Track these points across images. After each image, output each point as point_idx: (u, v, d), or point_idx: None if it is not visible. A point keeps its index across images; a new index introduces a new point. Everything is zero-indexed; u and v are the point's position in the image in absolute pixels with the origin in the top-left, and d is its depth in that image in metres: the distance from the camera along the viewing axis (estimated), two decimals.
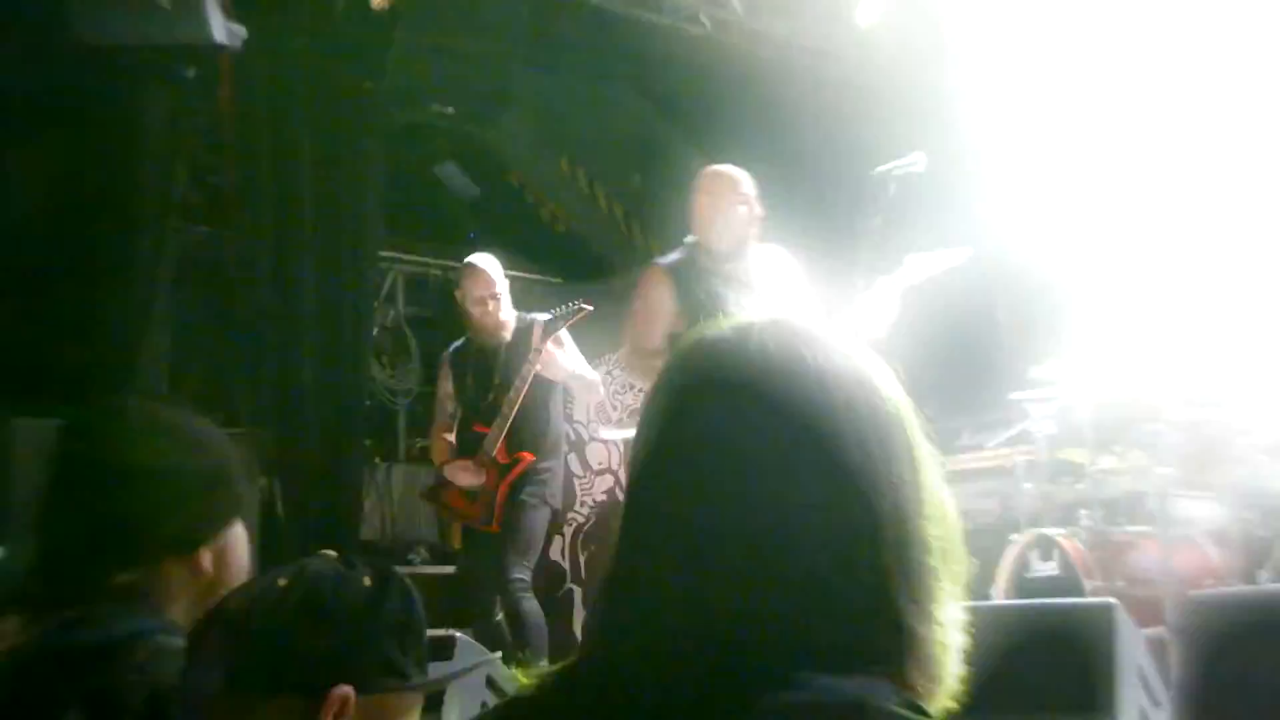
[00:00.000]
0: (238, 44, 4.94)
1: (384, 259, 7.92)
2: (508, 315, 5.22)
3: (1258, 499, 4.87)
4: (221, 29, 4.70)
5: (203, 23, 4.64)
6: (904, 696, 0.95)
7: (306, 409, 6.58)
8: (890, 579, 0.98)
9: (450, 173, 8.58)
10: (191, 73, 5.15)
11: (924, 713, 0.95)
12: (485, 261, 5.24)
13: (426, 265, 8.45)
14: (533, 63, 7.64)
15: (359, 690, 1.45)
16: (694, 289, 4.56)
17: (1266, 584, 4.39)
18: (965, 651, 1.02)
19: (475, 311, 5.19)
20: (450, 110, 7.20)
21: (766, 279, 4.44)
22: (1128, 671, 3.33)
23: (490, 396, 5.09)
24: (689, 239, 4.76)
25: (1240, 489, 4.84)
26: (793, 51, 8.41)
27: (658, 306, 4.65)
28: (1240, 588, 4.53)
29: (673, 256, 4.76)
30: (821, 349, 1.03)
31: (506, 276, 5.30)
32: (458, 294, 5.35)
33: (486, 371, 5.14)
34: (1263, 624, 3.37)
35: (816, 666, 0.93)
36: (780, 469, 0.98)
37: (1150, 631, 4.23)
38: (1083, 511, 5.10)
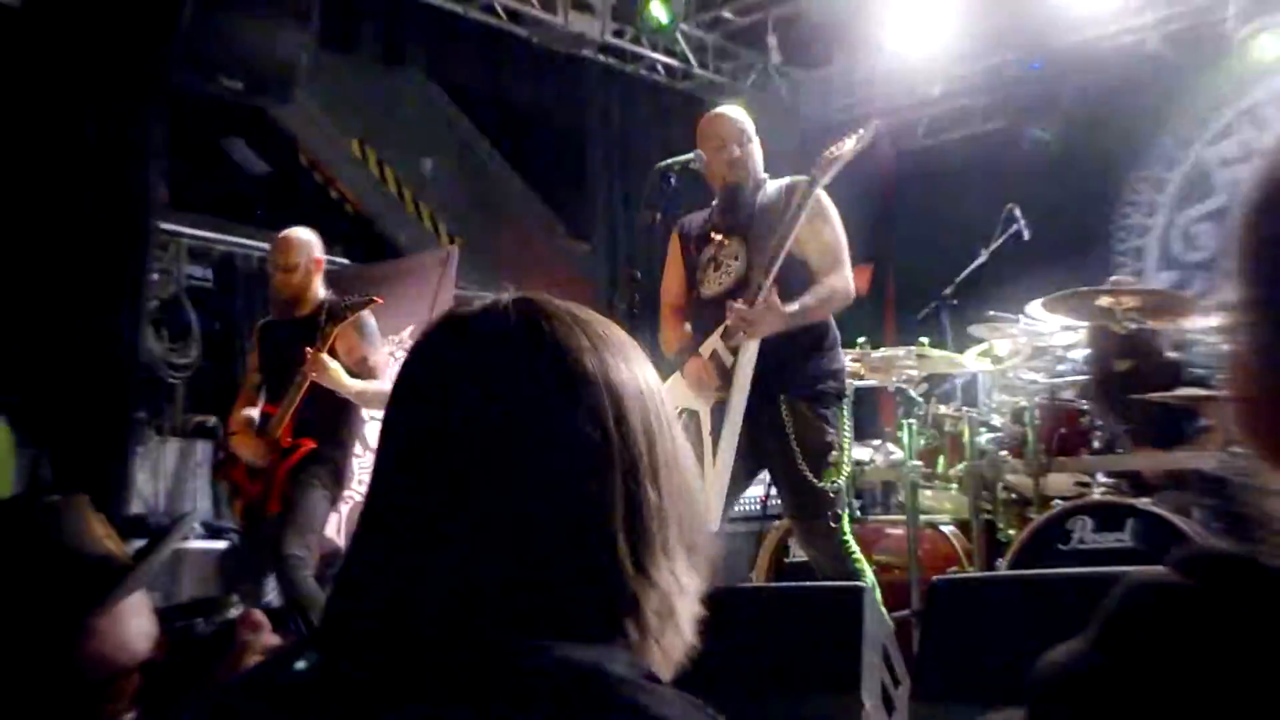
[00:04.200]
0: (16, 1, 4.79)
1: (167, 232, 7.75)
2: (314, 292, 5.18)
3: (996, 491, 5.16)
4: None
5: None
6: (638, 664, 0.96)
7: (78, 380, 6.41)
8: (623, 550, 1.00)
9: (238, 148, 8.44)
10: None
11: (657, 680, 0.95)
12: (294, 233, 5.15)
13: (210, 240, 8.29)
14: (325, 43, 7.59)
15: None
16: (696, 243, 4.50)
17: (1004, 570, 4.56)
18: (724, 631, 1.05)
19: (275, 282, 5.15)
20: (240, 85, 7.09)
21: (783, 216, 4.23)
22: (872, 652, 3.47)
23: (286, 375, 4.99)
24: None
25: (980, 481, 5.08)
26: (588, 45, 8.55)
27: (669, 266, 4.61)
28: (980, 573, 4.76)
29: (691, 215, 4.60)
30: (563, 325, 1.06)
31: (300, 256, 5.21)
32: (269, 263, 5.29)
33: (288, 347, 5.02)
34: (999, 607, 3.56)
35: (549, 634, 0.94)
36: (514, 440, 1.00)
37: (897, 614, 4.52)
38: None
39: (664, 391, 1.10)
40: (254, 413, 5.15)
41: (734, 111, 4.55)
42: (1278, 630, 0.62)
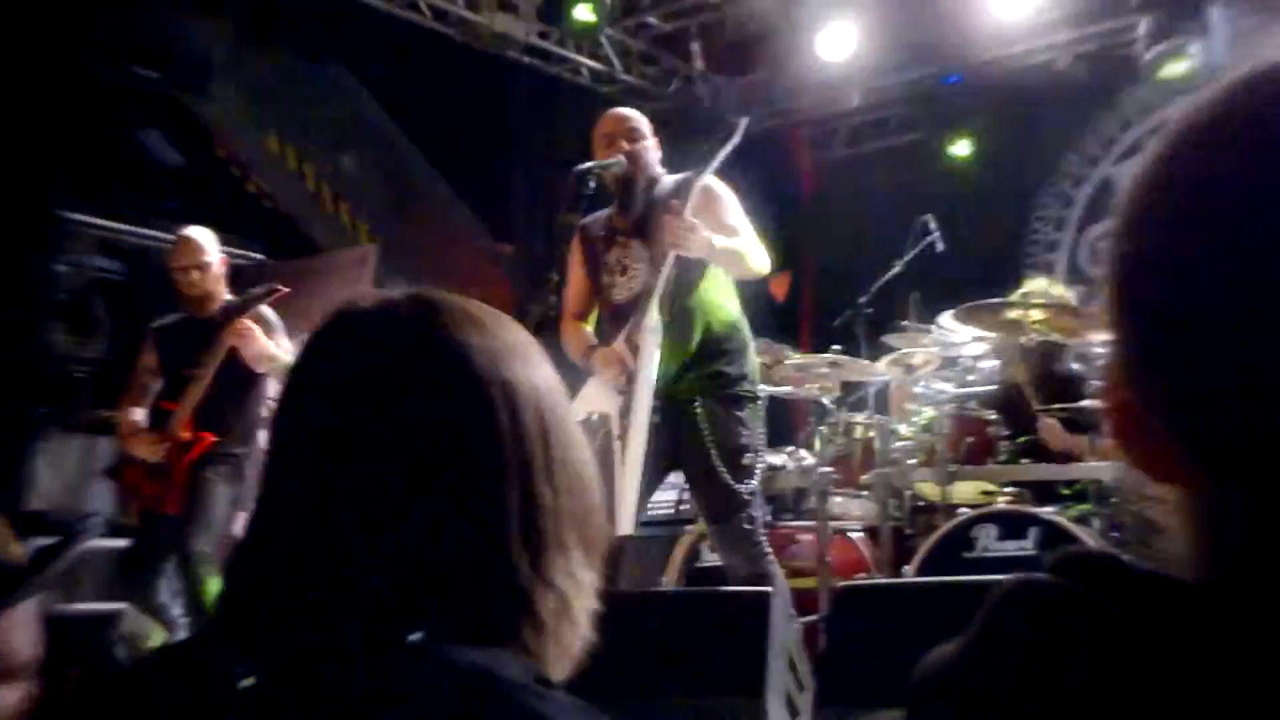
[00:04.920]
0: None
1: (77, 224, 7.61)
2: (218, 291, 5.14)
3: (904, 499, 5.27)
4: None
5: None
6: (528, 666, 0.96)
7: None
8: (518, 549, 0.99)
9: (153, 140, 8.32)
10: None
11: (548, 683, 0.95)
12: (196, 232, 5.14)
13: (121, 233, 8.16)
14: (245, 35, 7.51)
15: None
16: (600, 246, 4.48)
17: (909, 577, 4.63)
18: (633, 635, 1.11)
19: (181, 282, 5.11)
20: (154, 75, 7.00)
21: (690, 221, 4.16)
22: (777, 657, 3.51)
23: (189, 373, 4.96)
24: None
25: (890, 489, 5.19)
26: (513, 46, 8.53)
27: (571, 270, 4.57)
28: (885, 580, 4.84)
29: (594, 216, 4.55)
30: (458, 322, 1.05)
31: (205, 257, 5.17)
32: (168, 264, 5.23)
33: (190, 347, 5.00)
34: (904, 613, 3.62)
35: (441, 636, 0.94)
36: (405, 438, 0.99)
37: (807, 619, 4.57)
38: None
39: (562, 391, 1.10)
40: (142, 413, 5.10)
41: (625, 110, 4.58)
42: (1134, 630, 0.64)
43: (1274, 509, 0.65)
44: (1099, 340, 5.06)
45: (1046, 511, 4.56)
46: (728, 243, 4.21)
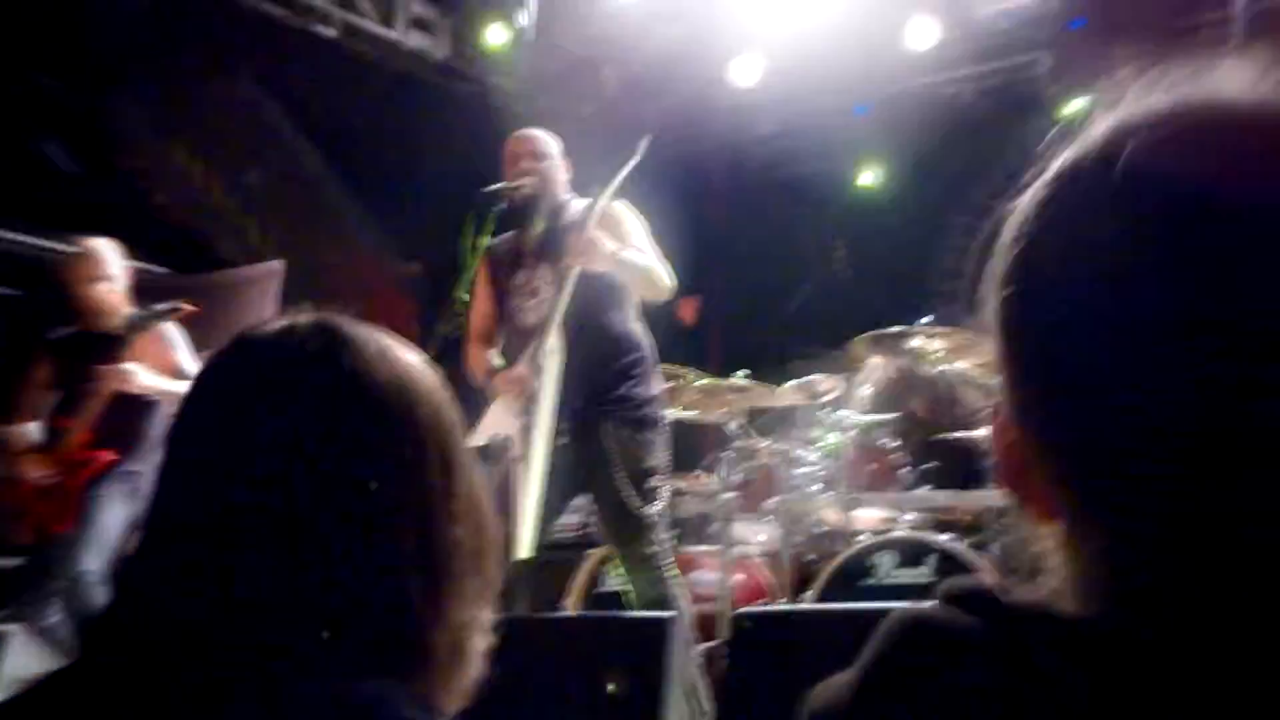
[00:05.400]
0: None
1: None
2: (120, 305, 5.03)
3: (806, 525, 5.31)
4: None
5: None
6: (417, 700, 0.95)
7: None
8: (410, 582, 0.98)
9: (54, 149, 8.15)
10: None
11: (440, 716, 0.96)
12: (99, 244, 5.03)
13: (17, 244, 7.97)
14: (153, 45, 7.40)
15: None
16: (506, 269, 4.46)
17: (810, 603, 4.64)
18: (531, 661, 1.11)
19: (80, 295, 5.00)
20: (58, 83, 6.86)
21: (591, 234, 4.20)
22: (677, 683, 3.51)
23: (85, 388, 4.81)
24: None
25: (792, 515, 5.22)
26: (426, 66, 8.50)
27: (478, 293, 4.54)
28: (784, 606, 4.84)
29: (501, 239, 4.54)
30: (359, 351, 1.04)
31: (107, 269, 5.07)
32: (67, 276, 5.12)
33: (86, 361, 4.85)
34: (804, 639, 3.64)
35: (333, 670, 0.93)
36: (304, 468, 0.98)
37: (708, 645, 4.58)
38: None
39: (461, 422, 1.09)
40: (33, 429, 4.97)
41: (533, 131, 4.59)
42: (1016, 664, 0.66)
43: (1155, 549, 0.67)
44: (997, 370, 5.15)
45: (944, 539, 4.62)
46: (632, 257, 4.23)
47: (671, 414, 4.68)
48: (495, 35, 8.08)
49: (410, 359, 1.08)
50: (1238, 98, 0.70)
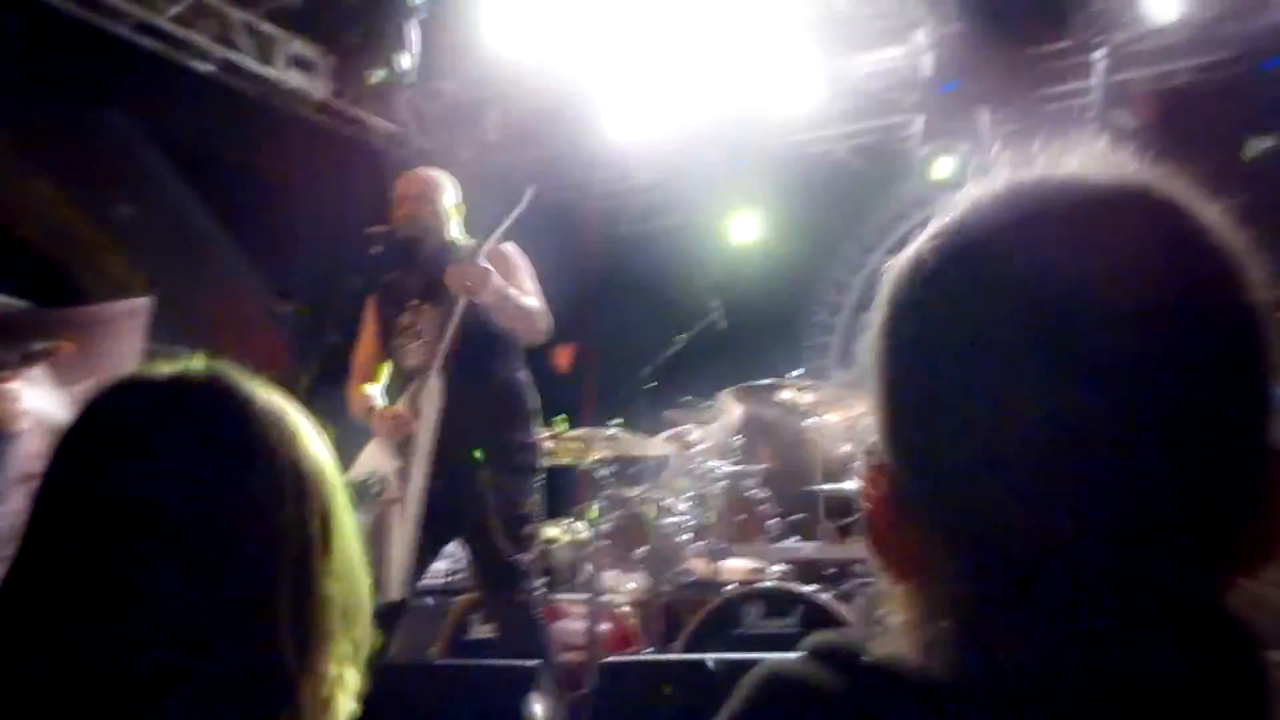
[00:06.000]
0: None
1: None
2: None
3: (674, 574, 5.35)
4: None
5: None
6: None
7: None
8: (285, 634, 0.99)
9: None
10: None
11: None
12: None
13: None
14: (21, 73, 7.22)
15: None
16: (392, 309, 4.43)
17: (677, 652, 4.68)
18: (398, 708, 1.09)
19: None
20: None
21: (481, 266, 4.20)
22: None
23: None
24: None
25: (661, 564, 5.24)
26: (306, 104, 8.43)
27: (364, 332, 4.50)
28: (650, 655, 4.88)
29: (389, 279, 4.51)
30: (248, 406, 1.04)
31: None
32: None
33: None
34: (670, 689, 3.66)
35: (192, 716, 0.94)
36: (183, 517, 0.98)
37: (575, 693, 4.57)
38: None
39: (338, 475, 1.10)
40: None
41: (425, 171, 4.59)
42: (871, 716, 0.69)
43: (1006, 605, 0.70)
44: (867, 425, 5.26)
45: (810, 590, 4.68)
46: (516, 295, 4.24)
47: (546, 461, 4.69)
48: (376, 76, 8.04)
49: (297, 417, 1.09)
50: (1087, 177, 0.75)
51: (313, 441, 1.08)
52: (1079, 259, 0.70)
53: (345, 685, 1.05)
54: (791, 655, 0.74)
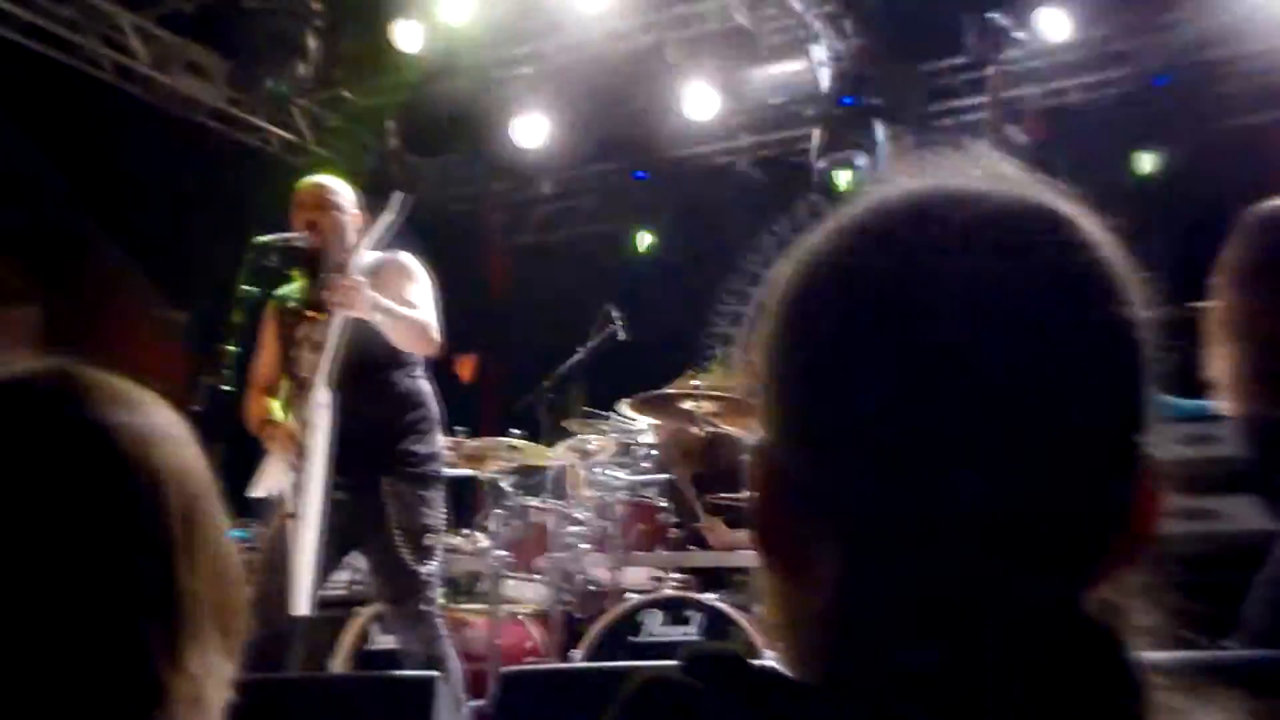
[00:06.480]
0: None
1: None
2: None
3: (577, 584, 5.35)
4: None
5: None
6: None
7: None
8: (151, 637, 0.98)
9: None
10: None
11: None
12: None
13: None
14: None
15: None
16: (289, 320, 4.35)
17: (578, 661, 4.66)
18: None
19: None
20: None
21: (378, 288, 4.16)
22: None
23: None
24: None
25: (562, 574, 5.25)
26: (201, 110, 8.31)
27: (264, 344, 4.42)
28: (554, 665, 4.86)
29: (290, 289, 4.43)
30: (102, 401, 1.02)
31: None
32: None
33: None
34: (568, 699, 3.66)
35: (64, 714, 0.93)
36: (37, 519, 0.96)
37: (476, 703, 4.55)
38: None
39: (208, 474, 1.08)
40: None
41: (324, 180, 4.53)
42: None
43: (886, 607, 0.72)
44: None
45: (710, 598, 4.71)
46: (396, 309, 4.19)
47: (447, 471, 4.66)
48: (274, 83, 7.94)
49: (154, 409, 1.07)
50: (977, 190, 0.77)
51: (176, 437, 1.06)
52: (963, 268, 0.72)
53: (219, 685, 1.03)
54: (668, 664, 0.74)
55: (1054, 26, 7.06)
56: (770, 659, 0.78)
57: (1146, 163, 7.68)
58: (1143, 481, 0.74)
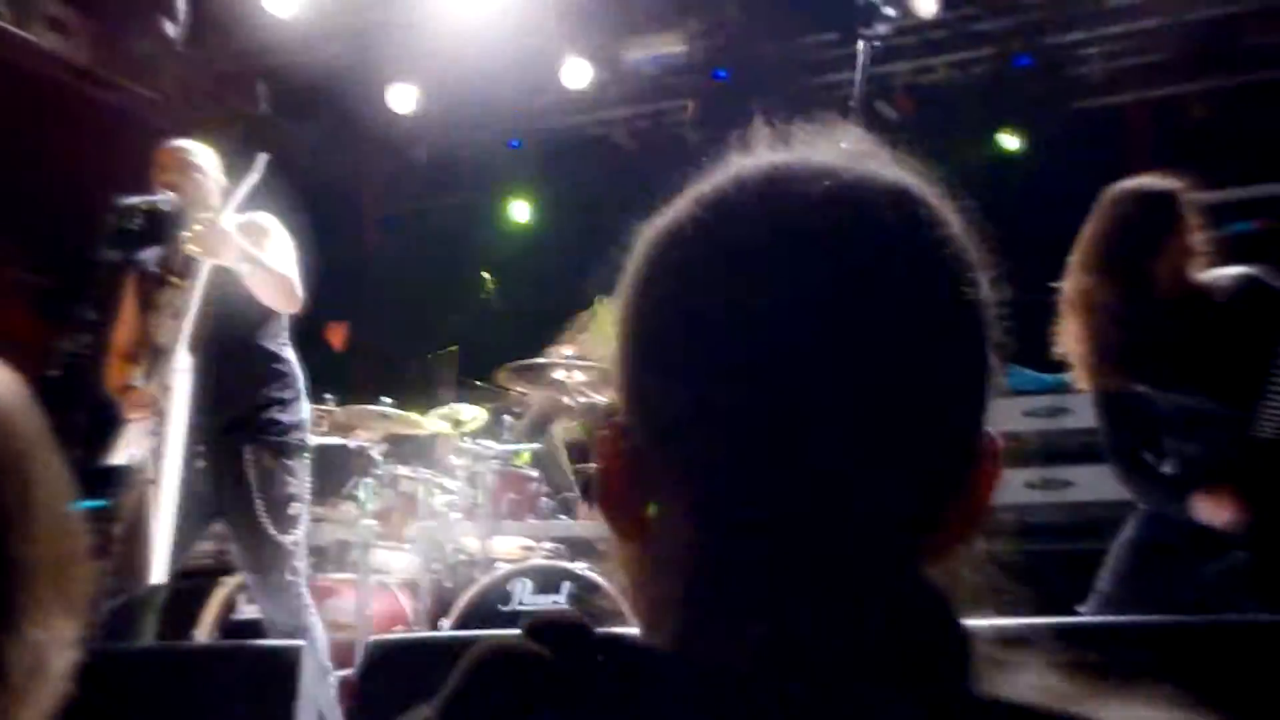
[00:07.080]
0: None
1: None
2: None
3: (446, 553, 5.35)
4: None
5: None
6: None
7: None
8: None
9: None
10: None
11: None
12: None
13: None
14: None
15: None
16: (150, 285, 4.25)
17: (447, 630, 4.67)
18: (150, 692, 1.07)
19: None
20: None
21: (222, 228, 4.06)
22: (307, 713, 3.47)
23: None
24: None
25: (432, 543, 5.24)
26: (65, 69, 8.06)
27: (124, 309, 4.31)
28: (423, 633, 4.86)
29: (151, 254, 4.33)
30: None
31: None
32: None
33: None
34: (436, 669, 3.67)
35: None
36: None
37: (344, 673, 4.53)
38: None
39: (45, 433, 1.06)
40: None
41: (185, 143, 4.45)
42: (574, 696, 0.70)
43: (729, 575, 0.74)
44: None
45: (579, 566, 4.75)
46: (261, 258, 4.13)
47: (314, 439, 4.62)
48: (141, 44, 7.73)
49: (7, 379, 1.05)
50: (834, 164, 0.79)
51: (8, 396, 1.03)
52: (809, 242, 0.74)
53: (60, 648, 1.02)
54: (511, 632, 0.74)
55: (924, 3, 7.16)
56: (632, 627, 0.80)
57: (1009, 142, 7.86)
58: (981, 454, 0.77)
